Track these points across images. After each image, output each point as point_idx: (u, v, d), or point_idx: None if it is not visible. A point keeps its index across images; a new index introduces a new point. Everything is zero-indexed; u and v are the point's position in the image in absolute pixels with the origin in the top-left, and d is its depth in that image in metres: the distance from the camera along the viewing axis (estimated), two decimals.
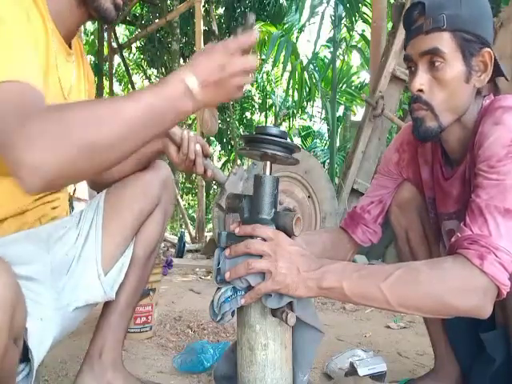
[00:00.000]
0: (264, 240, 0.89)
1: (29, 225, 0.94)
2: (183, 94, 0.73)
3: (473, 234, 0.87)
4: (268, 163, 0.93)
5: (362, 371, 1.33)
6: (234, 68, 0.75)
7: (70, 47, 1.04)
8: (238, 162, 9.64)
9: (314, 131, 10.69)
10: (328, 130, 7.92)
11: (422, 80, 1.00)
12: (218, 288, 0.93)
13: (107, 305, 1.15)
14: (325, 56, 8.40)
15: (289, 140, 0.91)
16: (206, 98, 0.75)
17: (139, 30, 9.20)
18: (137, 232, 1.15)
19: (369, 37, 5.67)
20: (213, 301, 0.93)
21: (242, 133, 10.70)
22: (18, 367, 0.78)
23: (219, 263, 0.93)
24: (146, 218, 1.16)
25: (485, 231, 0.87)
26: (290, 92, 7.88)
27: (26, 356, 0.80)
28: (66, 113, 0.68)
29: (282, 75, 10.80)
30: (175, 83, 0.73)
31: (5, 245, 0.88)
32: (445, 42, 0.97)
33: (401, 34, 3.74)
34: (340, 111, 8.89)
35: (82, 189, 2.67)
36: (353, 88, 8.42)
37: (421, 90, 1.00)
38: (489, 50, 0.99)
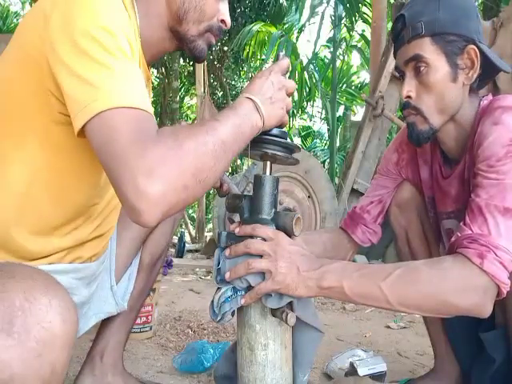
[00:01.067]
0: (264, 240, 0.89)
1: (82, 260, 0.94)
2: (253, 109, 0.80)
3: (472, 233, 0.88)
4: (268, 163, 0.93)
5: (362, 371, 1.33)
6: (279, 82, 0.85)
7: None
8: (238, 161, 9.64)
9: (314, 131, 10.69)
10: (328, 129, 7.92)
11: (409, 87, 1.04)
12: (218, 288, 0.93)
13: None
14: (325, 56, 8.41)
15: (289, 140, 0.91)
16: (266, 113, 0.81)
17: None
18: (145, 240, 1.16)
19: (369, 37, 5.67)
20: (213, 301, 0.93)
21: None
22: None
23: (219, 263, 0.93)
24: (155, 226, 1.16)
25: (484, 230, 0.87)
26: None
27: None
28: (178, 140, 0.68)
29: None
30: (244, 102, 0.80)
31: (54, 272, 0.85)
32: (426, 47, 1.00)
33: None
34: (340, 111, 8.89)
35: None
36: (353, 88, 8.43)
37: (409, 97, 1.04)
38: (473, 46, 1.00)
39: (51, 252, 0.86)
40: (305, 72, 6.98)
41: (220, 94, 10.24)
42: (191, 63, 9.64)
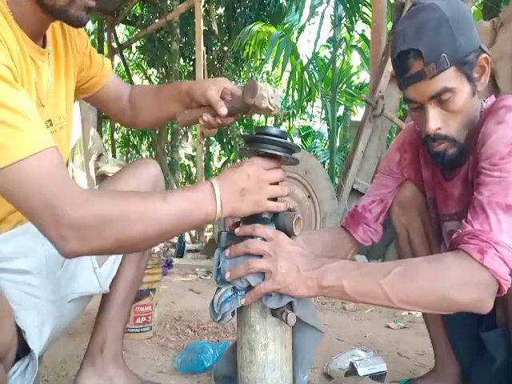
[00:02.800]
0: (264, 240, 0.89)
1: (26, 219, 0.95)
2: (211, 197, 0.81)
3: (473, 230, 0.88)
4: None
5: (361, 371, 1.33)
6: (258, 176, 0.84)
7: (44, 42, 0.98)
8: (238, 161, 9.64)
9: (314, 131, 10.69)
10: (328, 129, 7.91)
11: (436, 120, 0.99)
12: (218, 288, 0.93)
13: (104, 301, 1.16)
14: (325, 56, 8.40)
15: (289, 140, 0.91)
16: (229, 204, 0.82)
17: (139, 29, 9.19)
18: None
19: (369, 37, 5.66)
20: (213, 301, 0.93)
21: (241, 133, 10.69)
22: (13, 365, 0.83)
23: (219, 263, 0.93)
24: None
25: (486, 227, 0.87)
26: (290, 92, 7.88)
27: (22, 350, 0.81)
28: (103, 209, 0.73)
29: (281, 75, 10.80)
30: (204, 187, 0.82)
31: (3, 241, 0.91)
32: (451, 77, 0.95)
33: None
34: (340, 111, 8.88)
35: (82, 185, 2.67)
36: (353, 88, 8.42)
37: (439, 128, 1.00)
38: (485, 55, 0.98)
39: None
40: (305, 72, 6.97)
41: None
42: (191, 63, 9.64)
